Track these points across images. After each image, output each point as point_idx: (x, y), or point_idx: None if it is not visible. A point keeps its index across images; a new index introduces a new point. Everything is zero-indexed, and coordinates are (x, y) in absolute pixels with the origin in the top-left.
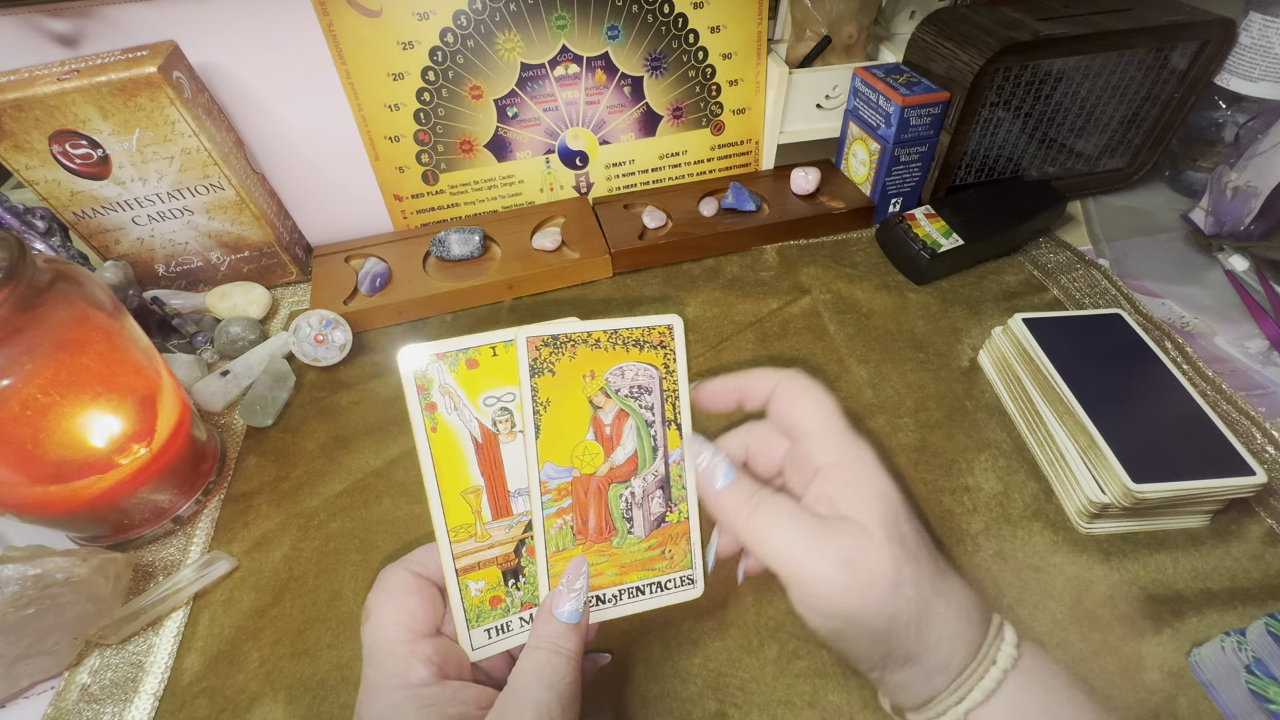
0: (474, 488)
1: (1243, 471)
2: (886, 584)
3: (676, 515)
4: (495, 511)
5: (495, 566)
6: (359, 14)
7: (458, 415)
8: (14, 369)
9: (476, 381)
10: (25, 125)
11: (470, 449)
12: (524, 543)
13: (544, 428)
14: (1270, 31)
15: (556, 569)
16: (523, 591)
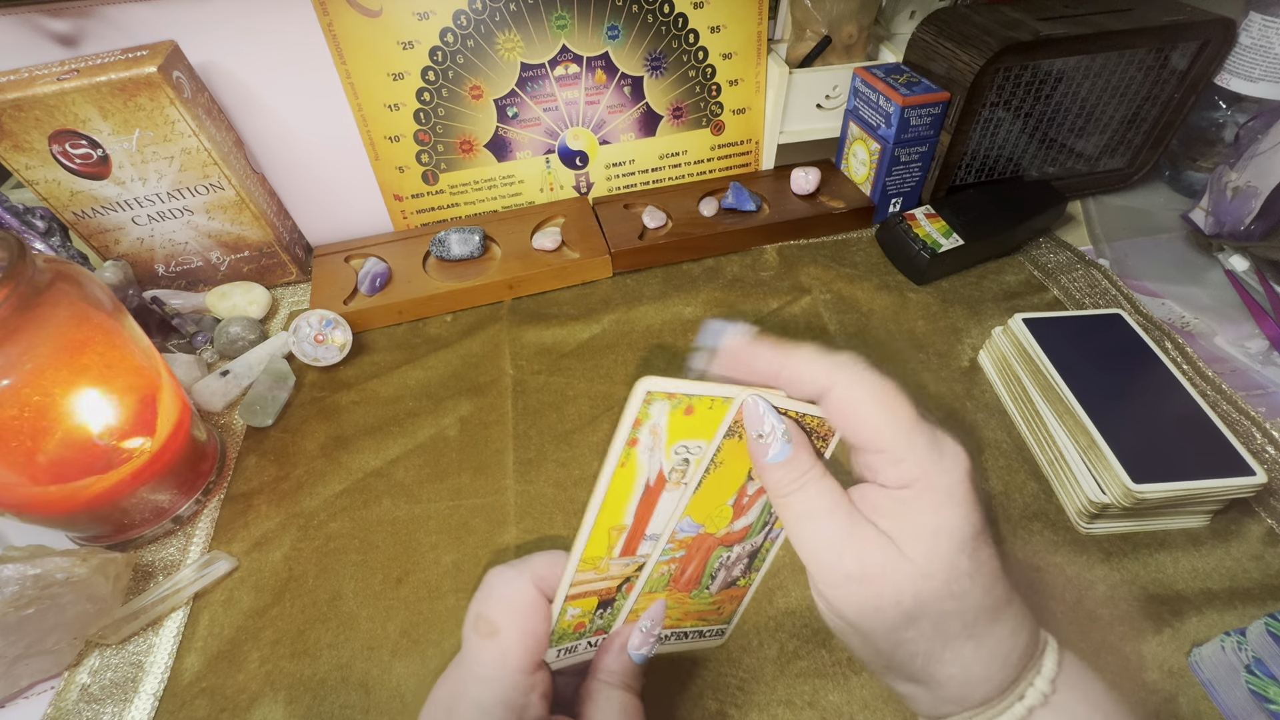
0: (621, 526)
1: (1243, 472)
2: (899, 614)
3: (746, 581)
4: (625, 550)
5: (596, 597)
6: (359, 14)
7: (649, 456)
8: (14, 369)
9: (682, 428)
10: (25, 125)
11: (640, 491)
12: (628, 580)
13: (704, 485)
14: (1270, 31)
15: (639, 606)
16: (603, 620)
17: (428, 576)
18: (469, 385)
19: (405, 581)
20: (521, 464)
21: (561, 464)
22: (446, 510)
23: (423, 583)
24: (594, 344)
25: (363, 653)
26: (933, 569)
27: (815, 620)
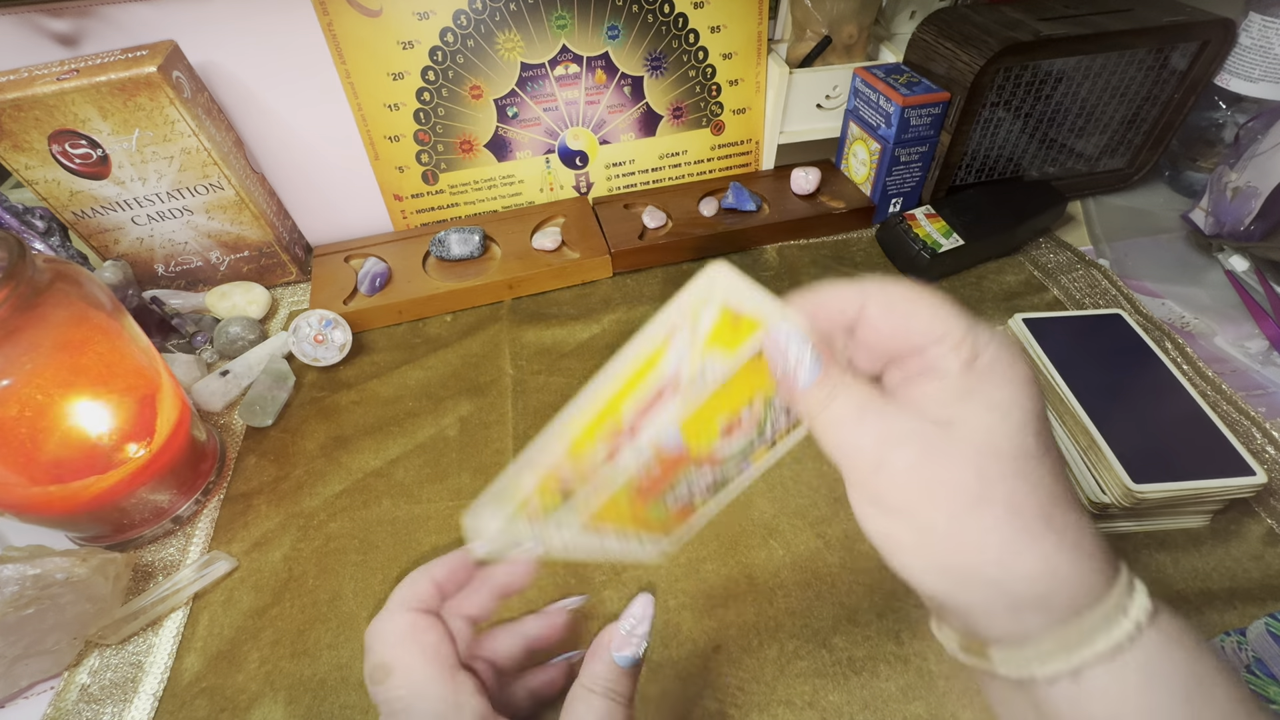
0: (615, 428)
1: (1243, 472)
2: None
3: (701, 503)
4: (607, 456)
5: (558, 488)
6: (359, 14)
7: (678, 356)
8: (14, 369)
9: (720, 337)
10: (25, 125)
11: (655, 391)
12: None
13: (706, 404)
14: (1270, 32)
15: (601, 515)
16: (563, 512)
17: None
18: (469, 385)
19: None
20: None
21: None
22: (446, 510)
23: None
24: (594, 344)
25: (363, 653)
26: (1000, 446)
27: (816, 620)
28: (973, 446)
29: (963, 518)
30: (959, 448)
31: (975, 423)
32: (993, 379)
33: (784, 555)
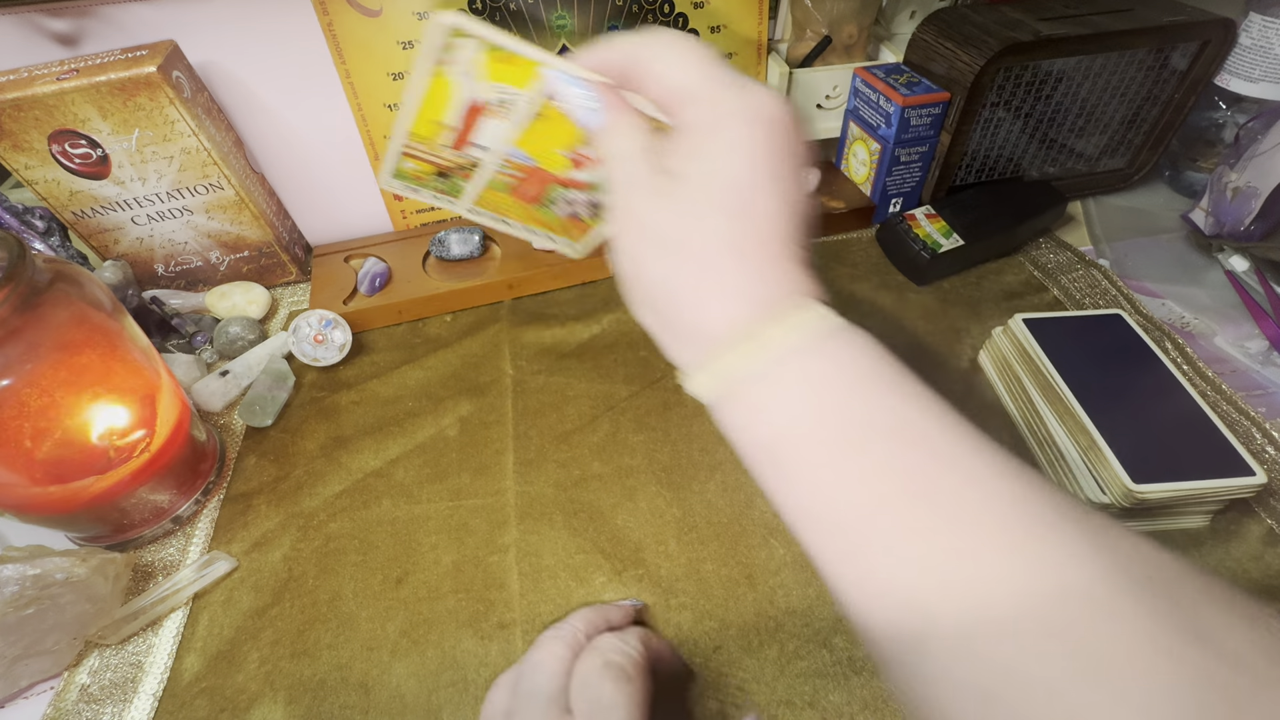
0: (443, 122)
1: (1243, 472)
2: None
3: (592, 221)
4: (456, 145)
5: (434, 167)
6: (359, 14)
7: (466, 81)
8: (13, 369)
9: (497, 72)
10: (24, 125)
11: (463, 103)
12: (464, 168)
13: (531, 129)
14: (1270, 32)
15: (487, 200)
16: (444, 185)
17: (428, 577)
18: (469, 385)
19: (405, 582)
20: (521, 464)
21: (561, 464)
22: (446, 510)
23: (423, 583)
24: (594, 344)
25: (362, 653)
26: (710, 196)
27: (816, 620)
28: (685, 197)
29: (664, 250)
30: (673, 198)
31: (694, 174)
32: (711, 137)
33: (784, 555)
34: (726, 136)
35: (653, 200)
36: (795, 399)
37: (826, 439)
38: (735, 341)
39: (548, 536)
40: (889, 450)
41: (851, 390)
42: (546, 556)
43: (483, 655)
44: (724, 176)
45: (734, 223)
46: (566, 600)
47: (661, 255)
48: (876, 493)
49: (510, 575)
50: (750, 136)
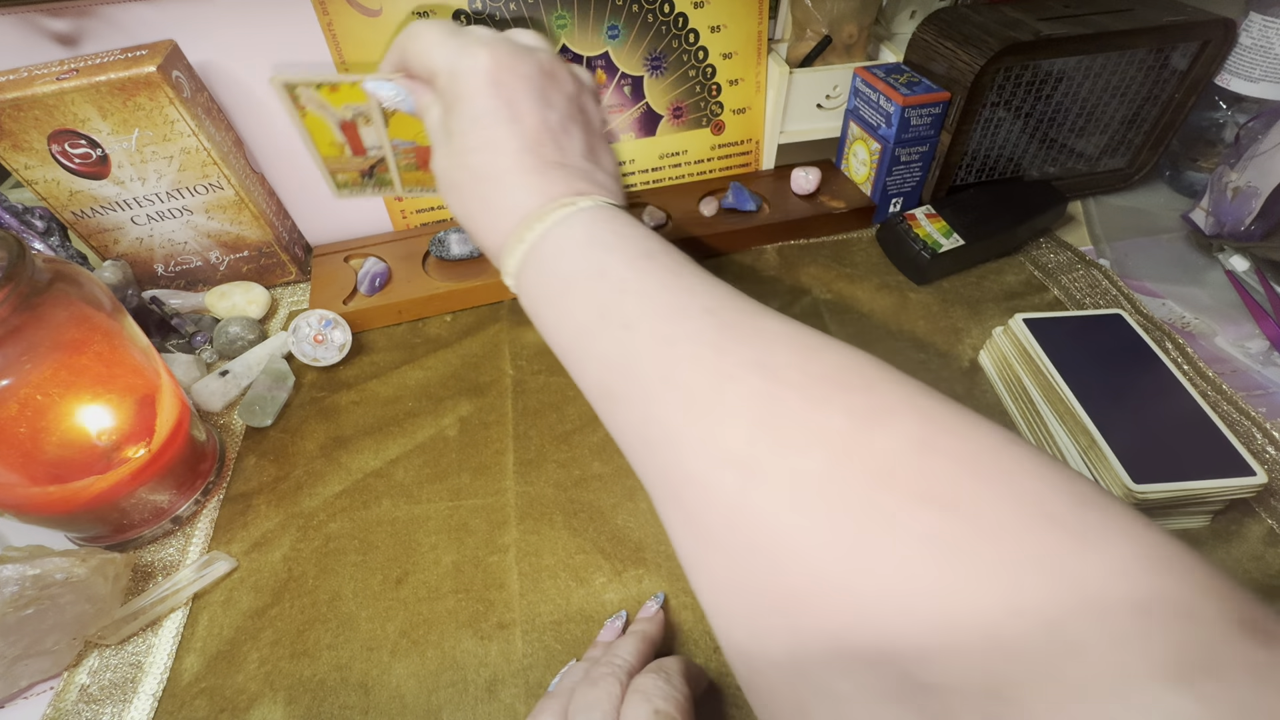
0: (337, 142)
1: (1243, 472)
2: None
3: None
4: (355, 153)
5: (356, 172)
6: (359, 13)
7: (326, 112)
8: (13, 369)
9: (338, 98)
10: (24, 125)
11: (336, 126)
12: (376, 165)
13: (392, 122)
14: (1270, 32)
15: (409, 180)
16: (377, 180)
17: (428, 577)
18: (469, 385)
19: (405, 582)
20: (521, 464)
21: (561, 464)
22: (446, 511)
23: (423, 583)
24: None
25: (362, 653)
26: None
27: None
28: (450, 146)
29: (457, 193)
30: (448, 149)
31: (455, 129)
32: (455, 96)
33: None
34: (462, 95)
35: (446, 156)
36: (563, 255)
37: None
38: (518, 232)
39: (548, 536)
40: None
41: (608, 236)
42: (546, 556)
43: (482, 655)
44: (469, 125)
45: (487, 155)
46: (566, 600)
47: (461, 194)
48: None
49: (510, 575)
50: (474, 88)
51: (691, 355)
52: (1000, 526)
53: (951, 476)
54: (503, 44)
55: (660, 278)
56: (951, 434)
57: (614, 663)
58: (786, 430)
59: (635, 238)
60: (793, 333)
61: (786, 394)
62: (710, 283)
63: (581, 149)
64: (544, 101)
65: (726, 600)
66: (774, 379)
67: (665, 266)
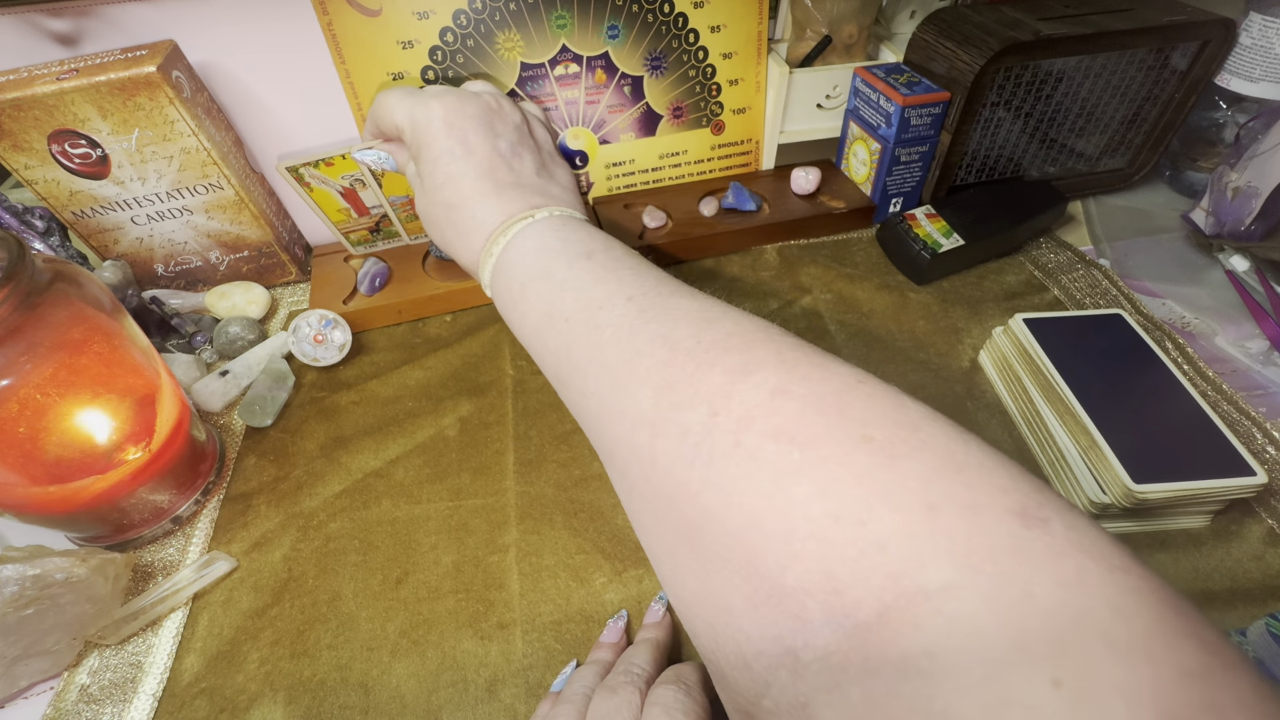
0: (344, 209)
1: (1243, 472)
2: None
3: None
4: (360, 214)
5: (365, 231)
6: (359, 13)
7: (327, 185)
8: (13, 369)
9: (333, 171)
10: (24, 125)
11: (339, 194)
12: (380, 221)
13: (384, 185)
14: (1270, 32)
15: (412, 230)
16: (385, 234)
17: (427, 577)
18: (469, 385)
19: (405, 582)
20: (522, 464)
21: (562, 464)
22: (446, 511)
23: (422, 583)
24: None
25: (362, 653)
26: (431, 184)
27: None
28: (423, 188)
29: (436, 226)
30: (422, 190)
31: (424, 174)
32: (419, 145)
33: None
34: (423, 142)
35: (421, 196)
36: (518, 264)
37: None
38: (486, 248)
39: (548, 536)
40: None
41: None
42: (547, 556)
43: (483, 655)
44: (432, 166)
45: (451, 187)
46: (567, 600)
47: (438, 226)
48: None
49: (510, 575)
50: (432, 134)
51: (613, 338)
52: (830, 453)
53: (798, 415)
54: (450, 94)
55: (594, 274)
56: (805, 380)
57: (632, 671)
58: (680, 391)
59: (578, 240)
60: (697, 308)
61: (681, 362)
62: (638, 272)
63: (533, 168)
64: (492, 134)
65: (655, 544)
66: (674, 349)
67: (601, 264)
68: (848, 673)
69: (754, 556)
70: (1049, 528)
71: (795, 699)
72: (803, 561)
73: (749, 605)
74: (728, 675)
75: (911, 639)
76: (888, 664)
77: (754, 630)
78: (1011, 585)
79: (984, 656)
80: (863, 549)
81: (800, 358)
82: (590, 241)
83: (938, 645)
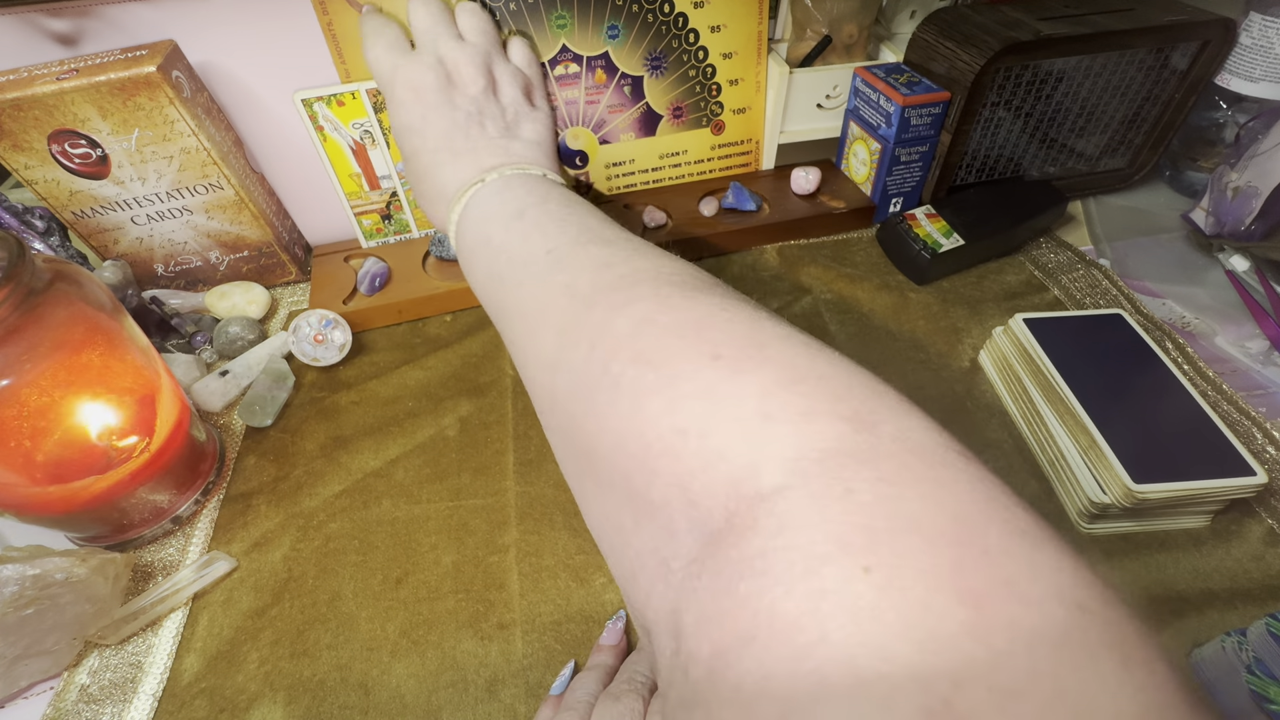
0: (355, 174)
1: (1243, 472)
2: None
3: None
4: (371, 186)
5: (375, 214)
6: (359, 14)
7: (339, 133)
8: (13, 369)
9: (345, 114)
10: (24, 125)
11: (350, 153)
12: (390, 202)
13: (392, 142)
14: (1270, 32)
15: (419, 217)
16: (395, 225)
17: (427, 577)
18: (469, 385)
19: (405, 582)
20: (522, 464)
21: None
22: (446, 511)
23: (422, 583)
24: None
25: (362, 653)
26: (400, 140)
27: None
28: (398, 143)
29: (417, 197)
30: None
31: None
32: (390, 110)
33: None
34: (392, 111)
35: (404, 164)
36: (467, 231)
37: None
38: (449, 217)
39: (548, 537)
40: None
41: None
42: (547, 557)
43: (482, 656)
44: (397, 138)
45: (418, 159)
46: (567, 600)
47: (419, 194)
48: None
49: (510, 575)
50: (394, 111)
51: (530, 292)
52: (681, 371)
53: (657, 340)
54: (412, 66)
55: (522, 232)
56: (671, 309)
57: (635, 680)
58: (571, 331)
59: (513, 199)
60: (607, 255)
61: (576, 306)
62: (563, 224)
63: (497, 130)
64: (450, 106)
65: (570, 478)
66: (574, 295)
67: (531, 220)
68: (702, 579)
69: (628, 477)
70: (878, 430)
71: (667, 604)
72: (661, 477)
73: (634, 524)
74: (625, 589)
75: (750, 541)
76: (730, 565)
77: (640, 545)
78: (835, 484)
79: (807, 552)
80: (707, 460)
81: (674, 291)
82: (526, 198)
83: (769, 544)
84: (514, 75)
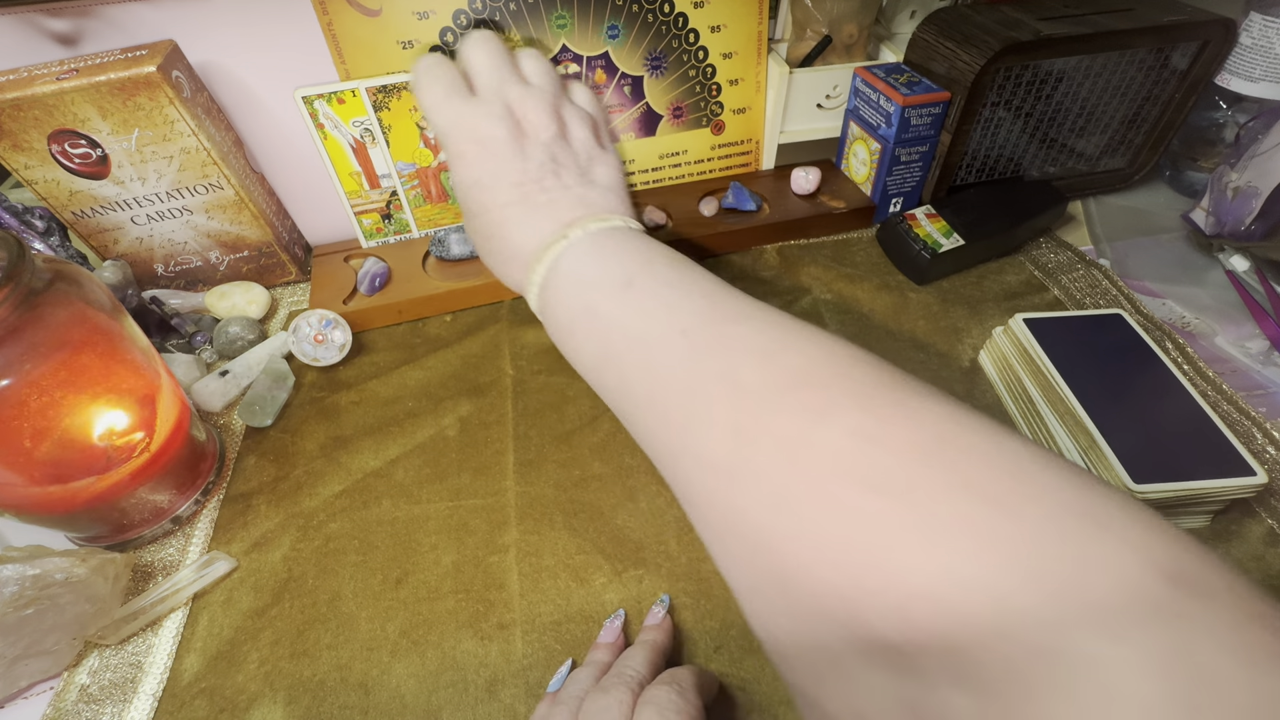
0: (355, 171)
1: (1243, 472)
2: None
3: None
4: (371, 185)
5: (375, 213)
6: (359, 13)
7: (339, 131)
8: (13, 369)
9: (345, 111)
10: (24, 125)
11: (350, 151)
12: (390, 201)
13: (391, 140)
14: (1270, 31)
15: (422, 219)
16: (393, 226)
17: (427, 577)
18: (469, 385)
19: (405, 582)
20: (521, 464)
21: (561, 464)
22: (446, 511)
23: (422, 583)
24: None
25: (362, 653)
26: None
27: None
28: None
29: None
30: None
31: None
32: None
33: None
34: (454, 165)
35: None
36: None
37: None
38: (528, 277)
39: (548, 537)
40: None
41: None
42: (546, 557)
43: (482, 656)
44: (461, 194)
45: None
46: (566, 600)
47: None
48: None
49: (510, 575)
50: (456, 164)
51: (670, 379)
52: (938, 509)
53: (891, 467)
54: (477, 115)
55: (640, 305)
56: (891, 424)
57: (625, 673)
58: (748, 434)
59: (615, 264)
60: (759, 339)
61: (749, 403)
62: (687, 294)
63: (572, 179)
64: (521, 157)
65: (738, 580)
66: (741, 390)
67: (645, 291)
68: None
69: (858, 612)
70: (1216, 599)
71: None
72: (914, 624)
73: (862, 659)
74: (814, 695)
75: (1050, 705)
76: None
77: (873, 682)
78: (1178, 656)
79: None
80: (996, 618)
81: (879, 395)
82: (629, 262)
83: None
84: (582, 117)
